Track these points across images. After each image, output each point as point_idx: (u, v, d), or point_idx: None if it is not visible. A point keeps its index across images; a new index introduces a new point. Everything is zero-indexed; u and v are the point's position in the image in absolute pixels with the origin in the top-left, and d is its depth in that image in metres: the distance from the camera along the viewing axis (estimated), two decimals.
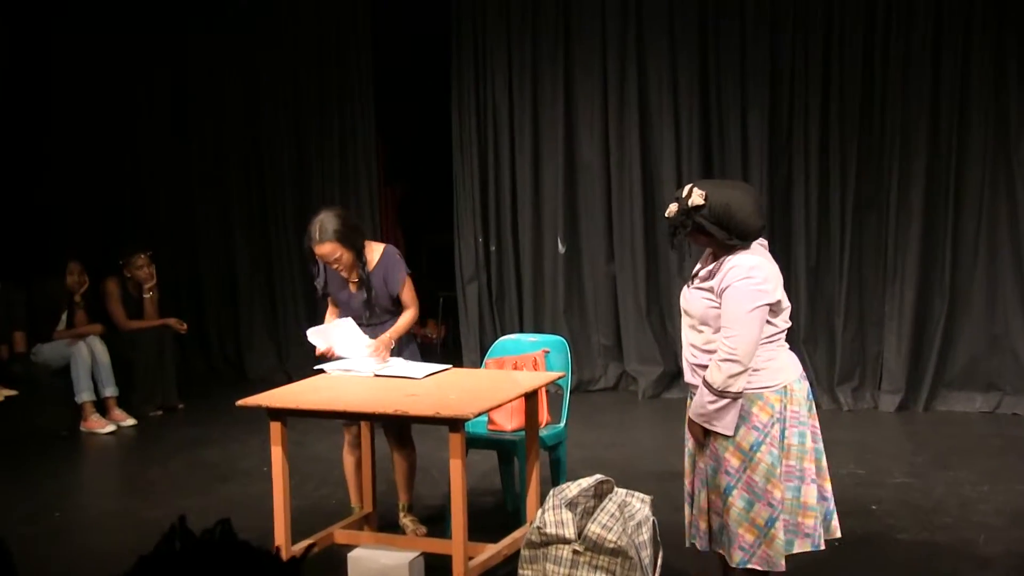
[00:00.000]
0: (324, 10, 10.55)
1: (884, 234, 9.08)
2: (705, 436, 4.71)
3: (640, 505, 5.15)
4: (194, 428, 9.08)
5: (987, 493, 6.96)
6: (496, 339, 7.53)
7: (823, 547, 4.79)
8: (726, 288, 4.60)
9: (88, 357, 9.11)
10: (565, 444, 6.70)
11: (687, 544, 4.95)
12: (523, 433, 6.04)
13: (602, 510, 5.03)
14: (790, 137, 9.28)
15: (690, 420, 4.77)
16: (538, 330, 9.63)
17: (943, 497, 6.90)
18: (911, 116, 8.90)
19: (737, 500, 4.64)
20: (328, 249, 6.04)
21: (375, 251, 6.28)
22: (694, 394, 4.75)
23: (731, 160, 9.40)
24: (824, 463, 4.83)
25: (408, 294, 6.27)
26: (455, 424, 5.18)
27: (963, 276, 8.94)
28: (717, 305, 4.63)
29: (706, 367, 4.64)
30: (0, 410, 8.95)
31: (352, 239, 6.11)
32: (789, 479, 4.70)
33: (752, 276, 4.59)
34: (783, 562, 4.65)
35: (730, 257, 4.64)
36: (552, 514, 5.07)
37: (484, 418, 6.34)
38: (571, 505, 5.07)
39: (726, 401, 4.58)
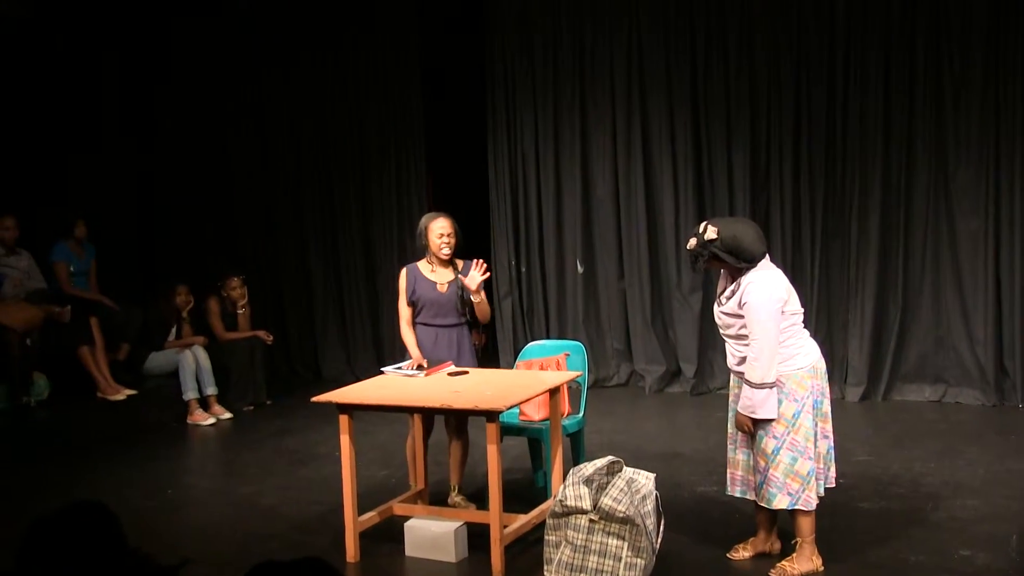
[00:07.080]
0: (386, 72, 10.61)
1: (847, 256, 9.09)
2: (754, 426, 5.05)
3: (645, 481, 5.17)
4: (279, 420, 9.14)
5: (934, 469, 6.98)
6: (526, 345, 7.64)
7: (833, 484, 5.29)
8: (746, 304, 4.97)
9: (193, 363, 9.26)
10: (584, 431, 6.78)
11: (728, 493, 5.42)
12: (548, 422, 6.10)
13: (613, 486, 5.05)
14: (768, 175, 9.31)
15: (739, 414, 5.12)
16: (561, 337, 9.69)
17: (898, 472, 6.93)
18: (867, 157, 8.91)
19: (784, 457, 5.01)
20: (450, 224, 6.29)
21: (459, 263, 6.40)
22: (740, 381, 5.14)
23: (720, 195, 9.43)
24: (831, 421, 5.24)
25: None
26: (491, 415, 5.27)
27: (913, 288, 8.94)
28: (741, 318, 5.02)
29: (743, 361, 5.04)
30: (122, 407, 9.20)
31: (459, 238, 6.34)
32: (822, 438, 5.12)
33: (770, 294, 4.98)
34: (816, 502, 5.11)
35: (745, 277, 5.03)
36: (572, 489, 5.10)
37: (516, 410, 6.41)
38: (587, 482, 5.08)
39: (766, 391, 4.95)
